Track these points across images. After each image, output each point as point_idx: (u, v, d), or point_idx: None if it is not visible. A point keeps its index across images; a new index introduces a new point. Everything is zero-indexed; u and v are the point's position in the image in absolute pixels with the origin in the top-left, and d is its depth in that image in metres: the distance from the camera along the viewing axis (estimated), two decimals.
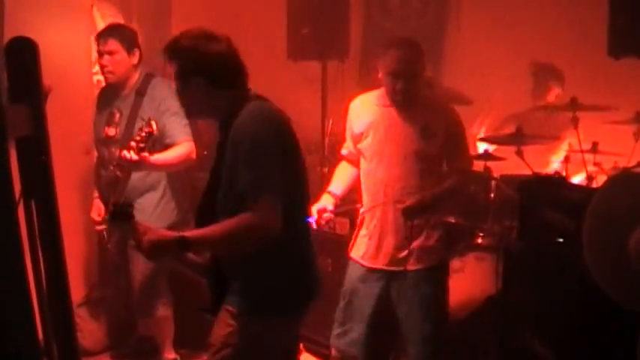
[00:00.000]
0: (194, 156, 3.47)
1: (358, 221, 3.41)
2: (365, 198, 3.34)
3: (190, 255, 2.33)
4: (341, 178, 3.45)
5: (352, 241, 3.39)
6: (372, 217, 3.29)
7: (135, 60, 3.47)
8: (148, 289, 3.55)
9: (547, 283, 3.19)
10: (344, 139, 3.49)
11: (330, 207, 3.30)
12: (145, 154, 3.13)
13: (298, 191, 2.35)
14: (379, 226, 3.26)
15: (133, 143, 3.10)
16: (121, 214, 2.18)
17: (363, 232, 3.34)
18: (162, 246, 2.14)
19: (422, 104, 3.24)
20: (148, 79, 3.51)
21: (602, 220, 2.60)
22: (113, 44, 3.40)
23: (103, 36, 3.47)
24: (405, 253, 3.19)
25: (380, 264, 3.26)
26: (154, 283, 3.56)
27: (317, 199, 3.30)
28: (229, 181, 2.23)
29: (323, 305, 2.68)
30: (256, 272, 2.31)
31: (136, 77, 3.50)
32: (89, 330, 3.74)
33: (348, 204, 3.60)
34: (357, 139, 3.31)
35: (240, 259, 2.32)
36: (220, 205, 2.29)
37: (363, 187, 3.34)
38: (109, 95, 3.61)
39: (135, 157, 3.08)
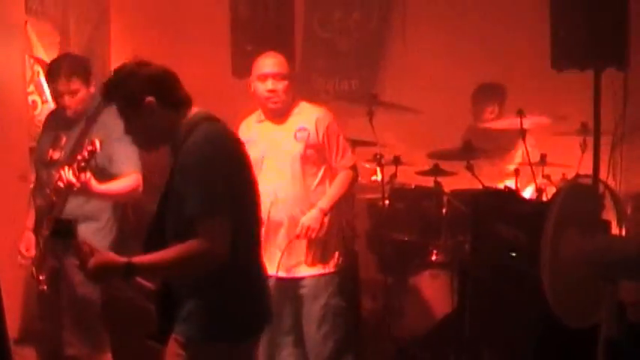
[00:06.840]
0: (140, 189, 3.29)
1: None
2: None
3: (140, 279, 2.26)
4: None
5: None
6: None
7: (92, 89, 3.30)
8: (81, 324, 3.34)
9: (502, 298, 3.17)
10: None
11: None
12: (88, 175, 2.95)
13: (250, 216, 2.32)
14: None
15: (74, 164, 2.93)
16: (62, 231, 2.09)
17: None
18: (108, 270, 2.12)
19: None
20: (100, 106, 3.30)
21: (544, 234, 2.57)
22: (76, 84, 3.22)
23: (63, 74, 3.23)
24: None
25: None
26: (88, 318, 3.35)
27: None
28: (178, 205, 2.18)
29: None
30: (206, 297, 2.23)
31: (89, 104, 3.32)
32: None
33: None
34: None
35: (190, 283, 2.24)
36: (169, 229, 2.25)
37: None
38: (57, 117, 3.41)
39: (72, 178, 2.90)
